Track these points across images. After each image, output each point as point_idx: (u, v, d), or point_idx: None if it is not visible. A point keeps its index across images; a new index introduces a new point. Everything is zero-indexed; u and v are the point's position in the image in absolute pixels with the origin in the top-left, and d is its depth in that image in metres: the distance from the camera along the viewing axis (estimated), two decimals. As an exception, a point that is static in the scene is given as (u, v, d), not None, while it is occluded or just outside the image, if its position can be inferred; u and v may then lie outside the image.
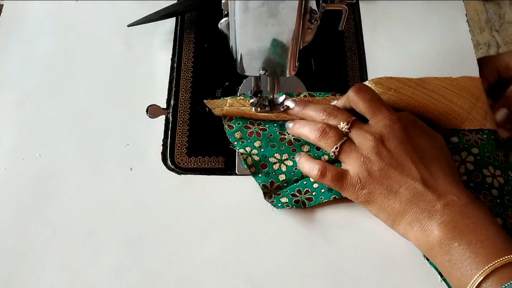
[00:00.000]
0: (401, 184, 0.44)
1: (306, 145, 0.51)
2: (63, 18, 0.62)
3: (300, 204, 0.48)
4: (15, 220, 0.49)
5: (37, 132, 0.54)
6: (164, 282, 0.46)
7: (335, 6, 0.45)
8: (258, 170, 0.50)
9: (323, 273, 0.47)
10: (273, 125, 0.53)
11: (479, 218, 0.42)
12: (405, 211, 0.44)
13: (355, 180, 0.45)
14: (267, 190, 0.50)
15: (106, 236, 0.48)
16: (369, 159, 0.45)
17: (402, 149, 0.45)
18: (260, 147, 0.51)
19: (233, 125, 0.53)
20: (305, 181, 0.50)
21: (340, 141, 0.46)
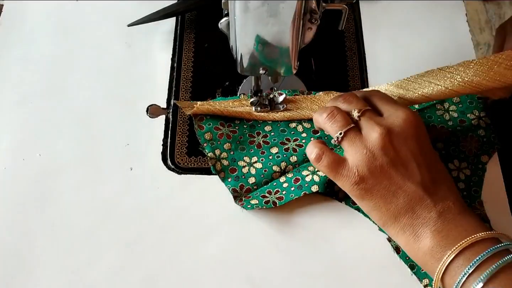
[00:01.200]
0: (400, 186, 0.42)
1: (275, 147, 0.51)
2: (63, 18, 0.62)
3: (271, 204, 0.48)
4: (15, 220, 0.49)
5: (37, 132, 0.54)
6: (164, 282, 0.46)
7: (335, 6, 0.45)
8: (228, 175, 0.50)
9: (323, 273, 0.47)
10: (243, 127, 0.53)
11: (472, 226, 0.40)
12: (400, 214, 0.42)
13: (352, 172, 0.42)
14: (237, 193, 0.49)
15: (106, 236, 0.48)
16: (373, 153, 0.42)
17: (408, 148, 0.42)
18: (229, 150, 0.51)
19: (203, 125, 0.52)
20: (275, 182, 0.50)
21: (346, 127, 0.43)
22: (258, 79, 0.50)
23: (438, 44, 0.59)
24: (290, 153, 0.50)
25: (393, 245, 0.46)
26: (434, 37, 0.60)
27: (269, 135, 0.52)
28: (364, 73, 0.58)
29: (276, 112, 0.53)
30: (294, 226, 0.49)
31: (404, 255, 0.46)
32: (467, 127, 0.52)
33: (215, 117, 0.53)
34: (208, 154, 0.51)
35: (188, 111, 0.52)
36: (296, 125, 0.53)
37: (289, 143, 0.51)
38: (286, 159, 0.50)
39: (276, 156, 0.51)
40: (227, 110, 0.53)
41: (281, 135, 0.52)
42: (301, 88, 0.56)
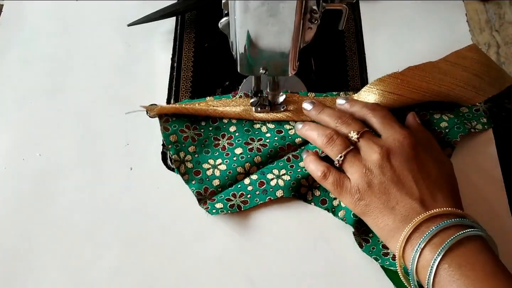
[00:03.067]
0: (398, 201, 0.43)
1: (239, 148, 0.51)
2: (63, 18, 0.62)
3: (235, 208, 0.48)
4: (15, 219, 0.49)
5: (37, 132, 0.54)
6: (164, 282, 0.46)
7: (335, 6, 0.45)
8: (192, 178, 0.50)
9: (323, 273, 0.47)
10: (209, 129, 0.53)
11: (471, 242, 0.40)
12: (398, 228, 0.43)
13: (355, 189, 0.45)
14: (201, 196, 0.49)
15: (106, 235, 0.48)
16: (371, 171, 0.45)
17: (406, 166, 0.44)
18: (194, 153, 0.51)
19: (168, 127, 0.52)
20: (239, 185, 0.50)
21: (346, 150, 0.46)
22: (258, 79, 0.50)
23: (438, 44, 0.59)
24: (255, 153, 0.50)
25: (357, 240, 0.47)
26: (434, 37, 0.60)
27: (234, 136, 0.52)
28: (364, 73, 0.58)
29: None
30: (294, 226, 0.49)
31: (367, 249, 0.47)
32: (430, 121, 0.52)
33: (181, 119, 0.52)
34: (172, 156, 0.50)
35: (152, 112, 0.52)
36: (261, 126, 0.53)
37: (253, 143, 0.51)
38: (250, 159, 0.50)
39: (240, 157, 0.51)
40: (193, 107, 0.52)
41: (246, 135, 0.52)
42: (301, 88, 0.56)
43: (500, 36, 1.44)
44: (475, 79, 0.52)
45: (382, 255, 0.46)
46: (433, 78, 0.51)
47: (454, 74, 0.51)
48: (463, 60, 0.52)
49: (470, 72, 0.52)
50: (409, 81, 0.51)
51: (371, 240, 0.47)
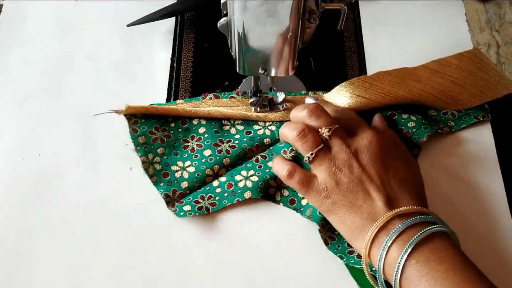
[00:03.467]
0: (365, 200, 0.44)
1: (208, 149, 0.51)
2: (63, 18, 0.62)
3: (204, 210, 0.48)
4: (15, 219, 0.49)
5: (37, 132, 0.54)
6: (163, 282, 0.46)
7: (334, 6, 0.45)
8: (160, 179, 0.50)
9: (323, 273, 0.47)
10: (178, 130, 0.53)
11: (437, 238, 0.41)
12: (364, 226, 0.43)
13: (322, 187, 0.45)
14: (169, 199, 0.49)
15: (106, 236, 0.48)
16: (340, 170, 0.45)
17: (374, 165, 0.45)
18: (163, 154, 0.51)
19: (137, 129, 0.52)
20: (208, 187, 0.50)
21: (317, 147, 0.46)
22: (258, 79, 0.51)
23: (437, 44, 0.59)
24: (223, 155, 0.50)
25: (323, 237, 0.47)
26: (434, 37, 0.60)
27: (203, 137, 0.52)
28: (364, 73, 0.58)
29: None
30: (294, 226, 0.49)
31: (332, 247, 0.47)
32: (397, 120, 0.52)
33: (150, 121, 0.52)
34: (140, 158, 0.50)
35: (121, 112, 0.52)
36: (230, 127, 0.53)
37: (222, 145, 0.51)
38: (219, 161, 0.50)
39: (209, 159, 0.50)
40: (162, 107, 0.52)
41: (215, 137, 0.52)
42: (301, 88, 0.56)
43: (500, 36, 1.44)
44: (454, 88, 0.52)
45: (347, 253, 0.46)
46: (403, 84, 0.51)
47: (430, 82, 0.52)
48: (445, 67, 0.52)
49: (450, 81, 0.52)
50: (378, 85, 0.51)
51: (337, 237, 0.47)
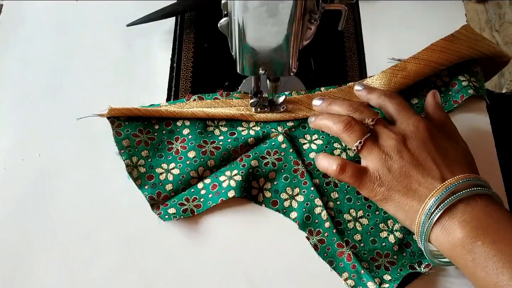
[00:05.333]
0: (420, 183, 0.43)
1: (192, 151, 0.51)
2: (62, 18, 0.62)
3: (188, 212, 0.48)
4: (15, 220, 0.49)
5: (37, 132, 0.54)
6: (163, 282, 0.46)
7: (334, 6, 0.45)
8: (144, 182, 0.50)
9: (323, 273, 0.47)
10: (162, 132, 0.52)
11: (501, 217, 0.41)
12: (424, 210, 0.42)
13: (375, 176, 0.45)
14: (154, 201, 0.49)
15: (106, 236, 0.48)
16: (390, 156, 0.45)
17: (424, 149, 0.45)
18: (147, 157, 0.51)
19: (121, 132, 0.51)
20: (192, 189, 0.50)
21: (364, 136, 0.46)
22: (258, 80, 0.50)
23: (437, 44, 0.59)
24: (208, 157, 0.50)
25: (312, 243, 0.47)
26: (434, 37, 0.60)
27: (187, 138, 0.52)
28: (364, 73, 0.58)
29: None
30: (294, 225, 0.49)
31: (322, 252, 0.47)
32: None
33: (134, 123, 0.52)
34: (124, 161, 0.50)
35: (104, 115, 0.52)
36: (214, 129, 0.53)
37: (206, 146, 0.51)
38: (204, 163, 0.50)
39: (193, 161, 0.50)
40: (145, 109, 0.52)
41: (199, 138, 0.52)
42: (301, 88, 0.56)
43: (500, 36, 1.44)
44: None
45: (337, 256, 0.46)
46: None
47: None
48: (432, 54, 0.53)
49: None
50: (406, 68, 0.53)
51: (327, 240, 0.47)
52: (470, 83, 0.54)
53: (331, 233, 0.47)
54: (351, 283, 0.45)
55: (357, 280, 0.45)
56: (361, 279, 0.45)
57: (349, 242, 0.47)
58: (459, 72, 0.55)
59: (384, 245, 0.47)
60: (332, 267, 0.46)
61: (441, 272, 0.46)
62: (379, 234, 0.48)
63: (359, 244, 0.47)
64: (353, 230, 0.48)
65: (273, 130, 0.52)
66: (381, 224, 0.48)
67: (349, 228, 0.48)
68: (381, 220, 0.48)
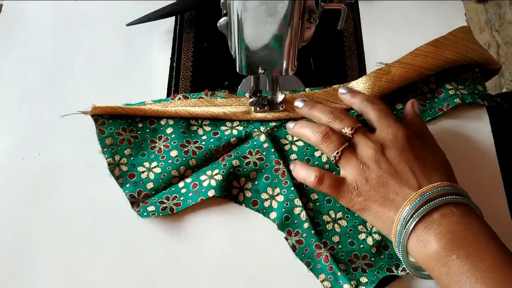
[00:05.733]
0: (397, 193, 0.43)
1: (175, 150, 0.51)
2: (62, 18, 0.62)
3: (168, 210, 0.48)
4: (14, 219, 0.49)
5: (37, 132, 0.54)
6: (163, 282, 0.46)
7: (334, 6, 0.45)
8: (126, 181, 0.50)
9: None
10: (146, 131, 0.52)
11: (478, 230, 0.40)
12: (400, 219, 0.42)
13: (352, 187, 0.45)
14: (134, 199, 0.49)
15: (106, 235, 0.48)
16: (368, 166, 0.45)
17: (402, 158, 0.44)
18: (130, 156, 0.51)
19: (104, 130, 0.52)
20: (173, 188, 0.49)
21: (341, 146, 0.46)
22: (257, 79, 0.51)
23: (437, 44, 0.59)
24: (190, 156, 0.50)
25: (290, 243, 0.47)
26: (433, 37, 0.60)
27: (170, 137, 0.52)
28: (363, 72, 0.58)
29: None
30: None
31: (300, 253, 0.47)
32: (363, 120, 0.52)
33: (117, 121, 0.52)
34: (106, 160, 0.50)
35: (87, 113, 0.52)
36: (197, 128, 0.53)
37: (189, 146, 0.51)
38: (185, 162, 0.50)
39: (175, 160, 0.50)
40: (129, 107, 0.52)
41: (182, 137, 0.52)
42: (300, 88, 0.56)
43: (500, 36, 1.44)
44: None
45: (315, 257, 0.46)
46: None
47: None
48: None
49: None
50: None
51: (305, 240, 0.47)
52: (457, 91, 0.54)
53: (309, 234, 0.47)
54: (328, 285, 0.45)
55: (334, 282, 0.45)
56: (338, 281, 0.45)
57: (327, 244, 0.47)
58: (446, 80, 0.54)
59: (362, 247, 0.47)
60: (309, 268, 0.46)
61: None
62: (358, 236, 0.47)
63: (337, 245, 0.47)
64: (331, 231, 0.48)
65: (256, 130, 0.52)
66: (359, 226, 0.48)
67: (328, 230, 0.48)
68: (359, 222, 0.48)
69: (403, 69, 0.52)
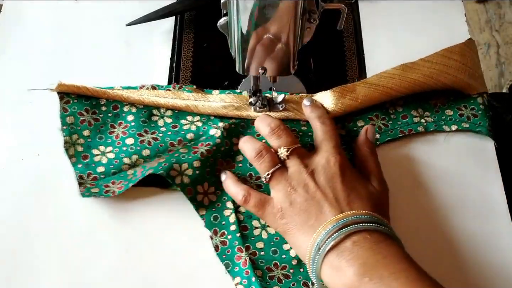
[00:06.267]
0: (317, 219, 0.43)
1: (131, 138, 0.51)
2: (62, 18, 0.62)
3: (110, 193, 0.48)
4: (14, 219, 0.49)
5: (36, 132, 0.54)
6: (163, 282, 0.46)
7: (334, 6, 0.46)
8: (79, 161, 0.51)
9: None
10: (108, 115, 0.53)
11: (390, 253, 0.40)
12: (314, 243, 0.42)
13: (277, 208, 0.45)
14: (82, 180, 0.49)
15: (106, 235, 0.48)
16: (295, 189, 0.45)
17: (330, 185, 0.45)
18: (87, 137, 0.52)
19: (68, 108, 0.52)
20: (122, 174, 0.50)
21: (273, 168, 0.46)
22: (257, 79, 0.51)
23: (437, 44, 0.59)
24: (144, 146, 0.51)
25: (214, 243, 0.47)
26: (433, 37, 0.60)
27: (130, 125, 0.52)
28: (363, 73, 0.58)
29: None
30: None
31: (222, 253, 0.47)
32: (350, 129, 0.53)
33: (82, 102, 0.53)
34: (64, 138, 0.51)
35: (54, 90, 0.52)
36: (158, 119, 0.53)
37: (146, 136, 0.52)
38: (139, 152, 0.51)
39: (130, 148, 0.51)
40: (94, 89, 0.53)
41: (141, 126, 0.52)
42: (300, 88, 0.56)
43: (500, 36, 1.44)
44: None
45: (235, 260, 0.46)
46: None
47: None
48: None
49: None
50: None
51: (229, 242, 0.47)
52: (422, 119, 0.53)
53: (234, 236, 0.47)
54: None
55: (247, 286, 0.45)
56: (251, 286, 0.45)
57: (249, 248, 0.47)
58: (414, 105, 0.54)
59: (283, 257, 0.46)
60: (227, 270, 0.46)
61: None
62: (282, 246, 0.47)
63: (259, 251, 0.47)
64: (257, 237, 0.47)
65: (214, 126, 0.52)
66: None
67: (255, 235, 0.48)
68: None
69: (368, 89, 0.52)
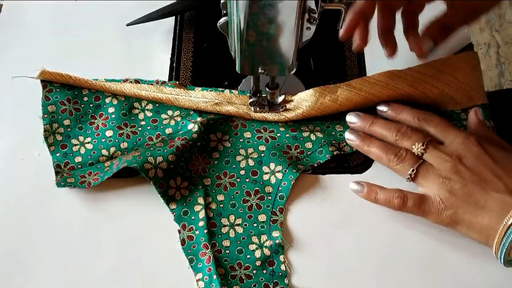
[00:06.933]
0: (487, 199, 0.43)
1: (111, 130, 0.52)
2: (62, 18, 0.62)
3: (85, 184, 0.49)
4: (14, 219, 0.49)
5: (36, 132, 0.54)
6: (163, 282, 0.46)
7: (334, 6, 0.46)
8: (57, 150, 0.51)
9: (322, 272, 0.47)
10: (89, 105, 0.53)
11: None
12: (497, 225, 0.42)
13: (437, 202, 0.44)
14: (59, 169, 0.50)
15: (106, 236, 0.48)
16: (449, 178, 0.44)
17: (481, 164, 0.44)
18: (67, 126, 0.52)
19: (50, 97, 0.53)
20: (98, 165, 0.50)
21: (416, 164, 0.46)
22: (257, 79, 0.51)
23: (437, 44, 0.59)
24: (123, 139, 0.51)
25: (181, 237, 0.47)
26: (433, 37, 0.60)
27: (110, 117, 0.53)
28: (363, 73, 0.58)
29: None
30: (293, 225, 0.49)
31: (187, 248, 0.47)
32: (297, 136, 0.52)
33: (65, 91, 0.53)
34: (44, 126, 0.52)
35: (37, 78, 0.53)
36: (139, 112, 0.53)
37: (125, 129, 0.52)
38: (117, 144, 0.51)
39: (108, 140, 0.51)
40: (77, 77, 0.53)
41: (121, 119, 0.52)
42: (301, 88, 0.56)
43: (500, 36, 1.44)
44: None
45: (199, 256, 0.46)
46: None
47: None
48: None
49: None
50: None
51: (195, 237, 0.47)
52: None
53: (201, 232, 0.47)
54: (201, 285, 0.45)
55: (208, 283, 0.45)
56: (211, 284, 0.44)
57: (215, 245, 0.47)
58: None
59: (248, 258, 0.46)
60: (190, 264, 0.46)
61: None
62: (248, 246, 0.47)
63: (225, 249, 0.47)
64: (225, 235, 0.48)
65: (192, 120, 0.52)
66: (254, 237, 0.47)
67: (222, 233, 0.48)
68: (255, 233, 0.48)
69: (350, 92, 0.51)
